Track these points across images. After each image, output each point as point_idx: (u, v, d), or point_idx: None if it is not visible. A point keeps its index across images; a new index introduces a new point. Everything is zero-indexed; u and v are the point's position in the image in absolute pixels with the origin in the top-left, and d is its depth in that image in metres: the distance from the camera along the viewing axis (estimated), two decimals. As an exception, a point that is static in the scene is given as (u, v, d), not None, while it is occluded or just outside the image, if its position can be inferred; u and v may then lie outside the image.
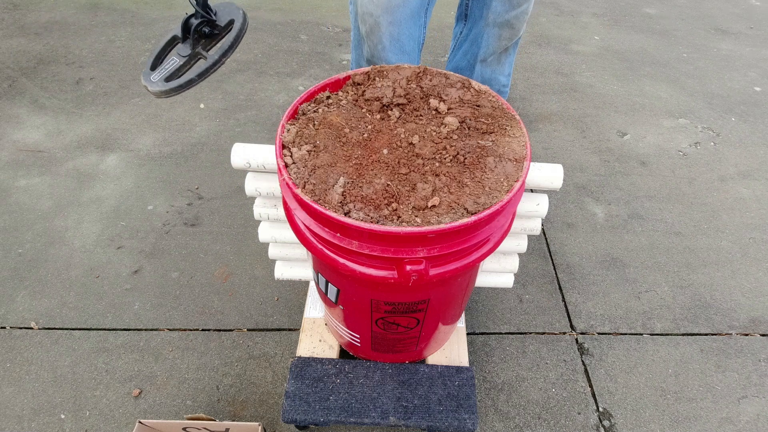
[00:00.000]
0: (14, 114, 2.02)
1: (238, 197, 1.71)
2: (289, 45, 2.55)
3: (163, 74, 0.89)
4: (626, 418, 1.22)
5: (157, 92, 0.87)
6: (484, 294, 1.47)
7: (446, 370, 1.12)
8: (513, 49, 1.80)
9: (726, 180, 1.91)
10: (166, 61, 0.92)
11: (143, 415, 1.17)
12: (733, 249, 1.65)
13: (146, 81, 0.88)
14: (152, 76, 0.89)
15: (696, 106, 2.30)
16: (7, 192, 1.69)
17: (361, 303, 0.92)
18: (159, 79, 0.88)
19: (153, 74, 0.89)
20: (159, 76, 0.89)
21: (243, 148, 0.91)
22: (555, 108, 2.23)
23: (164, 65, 0.91)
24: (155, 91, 0.87)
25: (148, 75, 0.89)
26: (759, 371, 1.33)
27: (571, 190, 1.83)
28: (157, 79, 0.88)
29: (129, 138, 1.93)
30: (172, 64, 0.91)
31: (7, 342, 1.30)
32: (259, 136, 1.97)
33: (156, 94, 0.88)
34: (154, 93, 0.88)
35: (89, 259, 1.50)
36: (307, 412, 1.04)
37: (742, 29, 2.99)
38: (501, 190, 0.76)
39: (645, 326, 1.41)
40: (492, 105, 0.91)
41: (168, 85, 0.87)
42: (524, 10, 1.58)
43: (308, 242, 0.82)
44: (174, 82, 0.88)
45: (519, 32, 1.67)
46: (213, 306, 1.40)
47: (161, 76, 0.89)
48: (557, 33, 2.82)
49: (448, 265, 0.78)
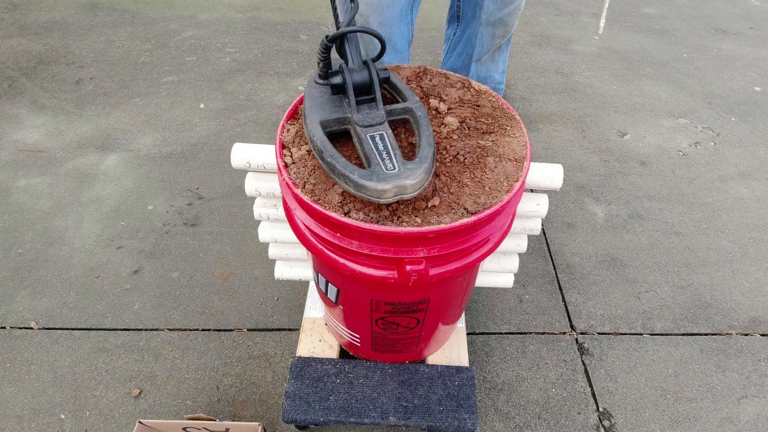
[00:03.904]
0: (14, 114, 2.02)
1: (238, 197, 1.71)
2: (289, 45, 2.55)
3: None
4: (626, 418, 1.22)
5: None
6: (484, 294, 1.47)
7: (446, 370, 1.12)
8: (506, 47, 1.80)
9: (726, 180, 1.91)
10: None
11: (143, 415, 1.17)
12: (733, 249, 1.65)
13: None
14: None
15: (696, 106, 2.30)
16: (7, 192, 1.69)
17: (361, 303, 0.92)
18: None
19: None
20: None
21: (243, 148, 0.91)
22: (555, 108, 2.23)
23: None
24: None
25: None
26: (759, 371, 1.33)
27: (571, 190, 1.83)
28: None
29: (129, 138, 1.93)
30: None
31: (7, 342, 1.30)
32: (259, 136, 1.97)
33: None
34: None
35: (89, 259, 1.50)
36: (307, 412, 1.04)
37: (742, 29, 2.99)
38: (501, 190, 0.76)
39: (645, 326, 1.41)
40: (492, 105, 0.91)
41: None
42: (516, 6, 1.59)
43: (308, 242, 0.82)
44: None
45: (512, 29, 1.68)
46: (213, 306, 1.40)
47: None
48: (557, 33, 2.82)
49: (448, 265, 0.78)
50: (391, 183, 0.65)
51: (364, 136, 0.71)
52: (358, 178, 0.65)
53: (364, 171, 0.67)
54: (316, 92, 0.79)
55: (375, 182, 0.65)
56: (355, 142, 0.74)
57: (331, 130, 0.75)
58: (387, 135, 0.71)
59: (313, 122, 0.74)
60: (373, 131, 0.71)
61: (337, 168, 0.67)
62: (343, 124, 0.76)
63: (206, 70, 2.32)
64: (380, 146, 0.70)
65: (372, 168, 0.67)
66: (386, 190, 0.65)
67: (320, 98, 0.78)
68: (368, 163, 0.69)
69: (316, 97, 0.78)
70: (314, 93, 0.79)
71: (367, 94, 0.76)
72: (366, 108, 0.75)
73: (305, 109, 0.77)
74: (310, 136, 0.74)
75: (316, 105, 0.77)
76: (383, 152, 0.69)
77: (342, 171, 0.67)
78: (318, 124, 0.74)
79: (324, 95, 0.79)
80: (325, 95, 0.79)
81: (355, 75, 0.75)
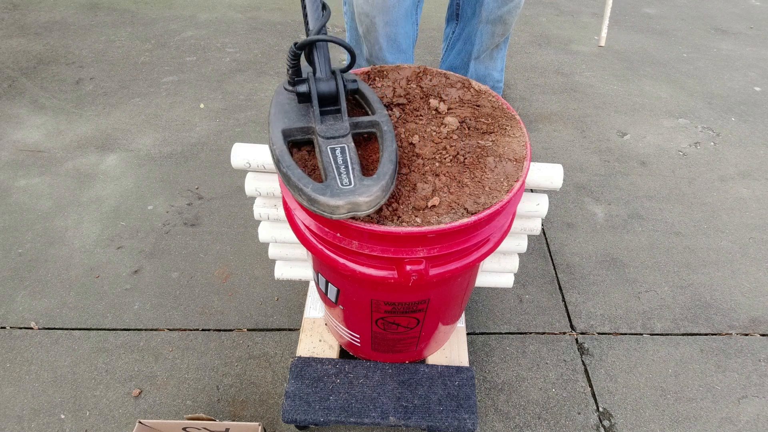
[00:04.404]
0: (14, 114, 2.02)
1: (238, 197, 1.71)
2: (289, 45, 2.55)
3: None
4: (626, 418, 1.22)
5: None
6: (484, 294, 1.47)
7: (446, 370, 1.12)
8: (504, 45, 1.81)
9: (726, 180, 1.91)
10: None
11: (143, 415, 1.17)
12: (733, 249, 1.65)
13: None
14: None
15: (696, 106, 2.30)
16: (7, 192, 1.69)
17: (361, 303, 0.92)
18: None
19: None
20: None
21: (243, 148, 0.91)
22: (555, 108, 2.23)
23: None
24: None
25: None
26: (759, 371, 1.33)
27: (571, 190, 1.83)
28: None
29: (129, 138, 1.93)
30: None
31: (7, 342, 1.30)
32: (259, 136, 1.97)
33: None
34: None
35: (89, 259, 1.50)
36: (307, 412, 1.04)
37: (742, 29, 2.99)
38: (501, 190, 0.76)
39: (645, 326, 1.41)
40: (492, 105, 0.91)
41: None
42: (516, 4, 1.59)
43: (308, 242, 0.82)
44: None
45: (510, 27, 1.68)
46: (213, 306, 1.40)
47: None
48: (557, 33, 2.82)
49: (448, 265, 0.78)
50: (344, 199, 0.63)
51: (324, 148, 0.69)
52: (311, 191, 0.64)
53: (318, 185, 0.65)
54: (283, 99, 0.78)
55: (327, 197, 0.63)
56: (317, 154, 0.72)
57: (294, 138, 0.74)
58: (348, 148, 0.69)
59: (275, 130, 0.72)
60: (335, 143, 0.69)
61: (291, 180, 0.66)
62: (307, 134, 0.74)
63: (206, 70, 2.32)
64: (339, 159, 0.67)
65: (327, 182, 0.65)
66: (339, 206, 0.63)
67: (287, 105, 0.77)
68: (325, 176, 0.66)
69: (284, 103, 0.77)
70: (282, 99, 0.78)
71: (333, 104, 0.74)
72: (331, 119, 0.73)
73: (270, 115, 0.75)
74: (270, 144, 0.72)
75: (282, 112, 0.75)
76: (341, 166, 0.67)
77: (296, 183, 0.65)
78: (280, 132, 0.72)
79: (291, 102, 0.77)
80: (293, 102, 0.77)
81: (321, 84, 0.73)
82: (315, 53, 0.76)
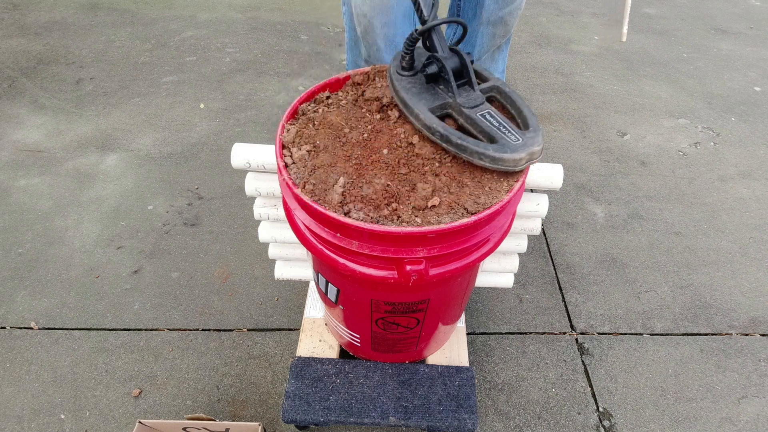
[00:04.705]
0: (14, 114, 2.02)
1: (238, 197, 1.71)
2: (289, 45, 2.55)
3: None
4: (626, 418, 1.22)
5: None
6: (484, 294, 1.47)
7: (446, 370, 1.12)
8: (506, 46, 1.81)
9: (726, 180, 1.91)
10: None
11: (143, 415, 1.17)
12: (733, 249, 1.65)
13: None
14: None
15: (696, 106, 2.30)
16: (7, 192, 1.69)
17: (361, 303, 0.92)
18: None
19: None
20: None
21: (243, 148, 0.91)
22: (555, 108, 2.23)
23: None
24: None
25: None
26: (759, 371, 1.33)
27: (571, 190, 1.83)
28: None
29: (129, 138, 1.93)
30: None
31: (7, 342, 1.30)
32: (259, 136, 1.97)
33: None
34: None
35: (89, 259, 1.50)
36: (307, 412, 1.04)
37: (742, 29, 2.99)
38: (501, 190, 0.76)
39: (645, 326, 1.41)
40: (492, 105, 0.91)
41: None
42: (517, 5, 1.59)
43: (308, 242, 0.82)
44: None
45: (511, 29, 1.68)
46: (213, 306, 1.40)
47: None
48: (557, 33, 2.82)
49: (448, 265, 0.78)
50: (524, 152, 0.71)
51: (475, 116, 0.75)
52: (493, 152, 0.71)
53: (496, 146, 0.72)
54: (406, 83, 0.82)
55: (510, 153, 0.71)
56: (463, 123, 0.77)
57: (437, 115, 0.79)
58: (494, 112, 0.76)
59: (424, 111, 0.77)
60: (480, 110, 0.76)
61: (469, 148, 0.72)
62: (444, 110, 0.79)
63: (206, 70, 2.32)
64: (494, 122, 0.75)
65: (501, 142, 0.72)
66: (521, 159, 0.71)
67: (414, 88, 0.81)
68: (491, 138, 0.74)
69: (408, 88, 0.81)
70: (405, 85, 0.82)
71: (461, 78, 0.80)
72: (464, 91, 0.79)
73: (406, 100, 0.79)
74: (426, 125, 0.76)
75: (414, 96, 0.80)
76: (500, 127, 0.74)
77: (475, 149, 0.72)
78: (429, 112, 0.77)
79: (415, 86, 0.81)
80: (418, 85, 0.82)
81: (449, 62, 0.78)
82: (434, 36, 0.80)
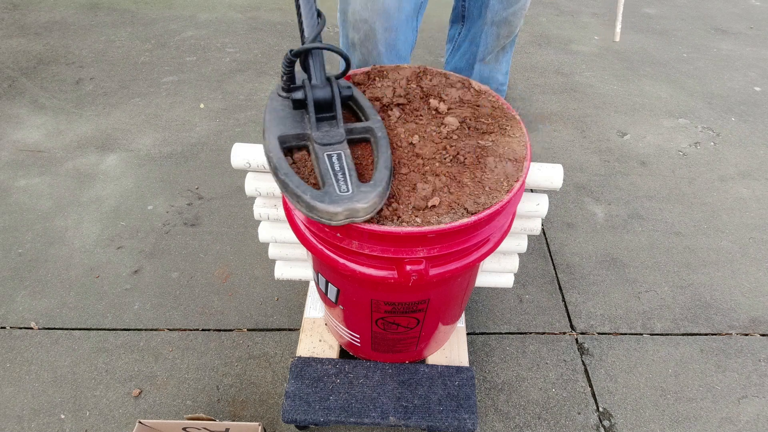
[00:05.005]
0: (14, 114, 2.02)
1: (238, 197, 1.71)
2: (289, 45, 2.55)
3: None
4: (626, 418, 1.22)
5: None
6: (484, 294, 1.47)
7: (446, 370, 1.12)
8: (510, 47, 1.81)
9: (726, 180, 1.91)
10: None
11: (143, 415, 1.17)
12: (733, 249, 1.65)
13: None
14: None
15: (696, 106, 2.30)
16: (7, 192, 1.69)
17: (361, 303, 0.92)
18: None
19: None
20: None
21: (243, 148, 0.91)
22: (555, 108, 2.23)
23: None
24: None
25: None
26: (759, 371, 1.33)
27: (571, 190, 1.83)
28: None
29: (129, 138, 1.93)
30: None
31: (7, 342, 1.30)
32: (259, 137, 1.97)
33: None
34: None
35: (89, 259, 1.50)
36: (307, 412, 1.04)
37: (742, 29, 2.99)
38: (501, 190, 0.76)
39: (645, 326, 1.41)
40: (492, 105, 0.91)
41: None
42: (522, 6, 1.59)
43: (308, 242, 0.82)
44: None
45: (516, 29, 1.68)
46: (213, 306, 1.40)
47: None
48: (557, 33, 2.82)
49: (448, 265, 0.78)
50: (342, 206, 0.64)
51: (321, 155, 0.70)
52: (309, 199, 0.64)
53: (316, 192, 0.65)
54: (278, 105, 0.78)
55: (326, 204, 0.64)
56: (313, 160, 0.72)
57: (290, 145, 0.74)
58: (345, 155, 0.70)
59: (271, 137, 0.72)
60: (331, 150, 0.70)
61: (289, 187, 0.66)
62: (303, 140, 0.74)
63: (206, 70, 2.32)
64: (336, 166, 0.68)
65: (325, 189, 0.66)
66: (337, 213, 0.64)
67: (282, 111, 0.77)
68: (322, 183, 0.67)
69: (278, 110, 0.77)
70: (276, 105, 0.78)
71: (329, 111, 0.75)
72: (326, 126, 0.73)
73: (265, 122, 0.75)
74: (266, 152, 0.72)
75: (277, 119, 0.75)
76: (339, 173, 0.67)
77: (294, 191, 0.66)
78: (276, 139, 0.72)
79: (286, 109, 0.78)
80: (287, 109, 0.78)
81: (317, 91, 0.74)
82: (310, 60, 0.76)
